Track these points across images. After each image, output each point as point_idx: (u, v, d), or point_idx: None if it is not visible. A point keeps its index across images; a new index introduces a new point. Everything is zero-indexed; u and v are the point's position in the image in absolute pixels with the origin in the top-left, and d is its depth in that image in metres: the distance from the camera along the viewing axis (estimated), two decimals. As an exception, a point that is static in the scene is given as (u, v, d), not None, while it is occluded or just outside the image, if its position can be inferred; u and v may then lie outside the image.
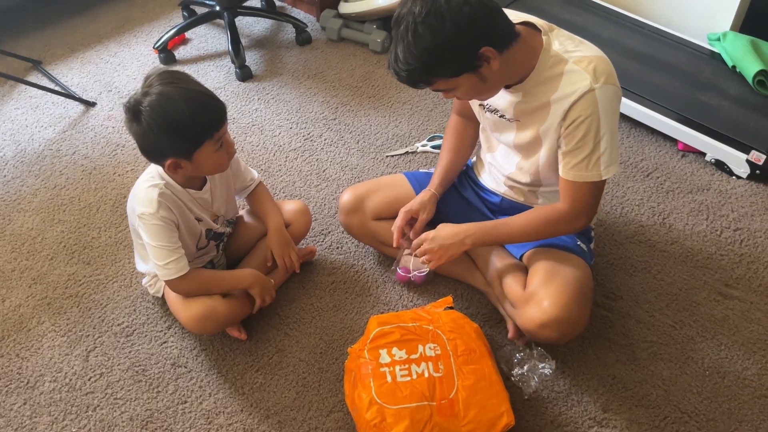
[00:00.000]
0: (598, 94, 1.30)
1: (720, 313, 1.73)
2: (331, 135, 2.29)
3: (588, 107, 1.31)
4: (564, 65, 1.33)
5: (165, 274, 1.48)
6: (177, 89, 1.35)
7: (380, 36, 2.64)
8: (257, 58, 2.65)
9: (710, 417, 1.52)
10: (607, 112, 1.33)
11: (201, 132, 1.38)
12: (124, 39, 2.74)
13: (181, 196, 1.49)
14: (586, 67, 1.31)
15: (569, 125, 1.35)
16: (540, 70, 1.35)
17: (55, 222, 1.97)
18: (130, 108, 1.35)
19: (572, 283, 1.46)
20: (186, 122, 1.34)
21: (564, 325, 1.43)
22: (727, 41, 2.37)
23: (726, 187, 2.09)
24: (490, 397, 1.41)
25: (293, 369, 1.61)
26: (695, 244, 1.91)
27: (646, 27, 2.54)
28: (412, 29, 1.22)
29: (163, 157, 1.40)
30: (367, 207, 1.73)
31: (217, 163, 1.46)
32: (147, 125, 1.33)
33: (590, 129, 1.33)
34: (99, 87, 2.48)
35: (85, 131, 2.29)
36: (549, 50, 1.34)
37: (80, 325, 1.70)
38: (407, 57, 1.25)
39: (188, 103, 1.34)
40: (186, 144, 1.38)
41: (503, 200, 1.66)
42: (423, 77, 1.30)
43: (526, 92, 1.40)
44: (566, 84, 1.33)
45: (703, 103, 2.22)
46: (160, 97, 1.33)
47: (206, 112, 1.37)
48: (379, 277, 1.81)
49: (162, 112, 1.32)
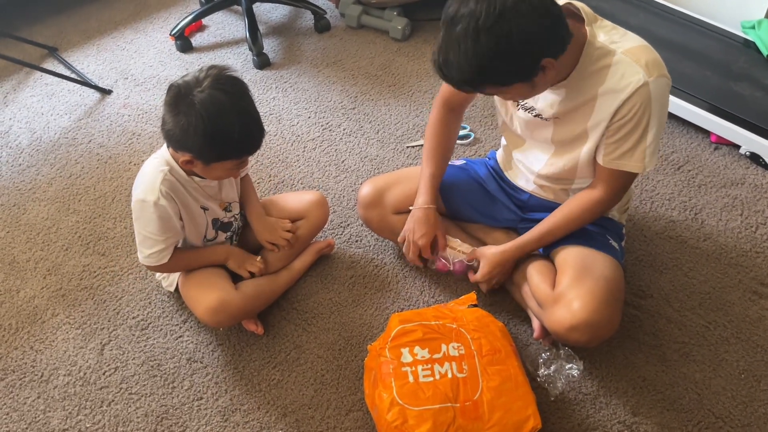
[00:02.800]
0: (651, 87, 1.24)
1: (755, 314, 1.66)
2: (350, 125, 2.23)
3: (641, 101, 1.26)
4: (611, 57, 1.26)
5: (145, 260, 1.49)
6: (235, 102, 1.31)
7: (401, 23, 2.57)
8: (275, 46, 2.59)
9: (745, 422, 1.46)
10: (659, 105, 1.27)
11: (234, 151, 1.37)
12: (141, 26, 2.70)
13: (185, 184, 1.45)
14: (637, 60, 1.25)
15: (621, 118, 1.29)
16: (585, 64, 1.29)
17: (70, 212, 1.94)
18: (181, 96, 1.30)
19: (603, 285, 1.39)
20: (229, 138, 1.31)
21: (594, 329, 1.37)
22: (762, 29, 2.28)
23: (762, 181, 2.01)
24: (515, 400, 1.36)
25: (311, 366, 1.56)
26: (729, 240, 1.84)
27: (677, 14, 2.45)
28: (473, 36, 1.12)
29: (183, 150, 1.36)
30: (387, 200, 1.67)
31: (225, 174, 1.47)
32: (192, 121, 1.28)
33: (641, 122, 1.28)
34: (115, 74, 2.45)
35: (100, 119, 2.26)
36: (594, 42, 1.28)
37: (95, 318, 1.67)
38: (462, 64, 1.16)
39: (239, 122, 1.31)
40: (215, 154, 1.35)
41: (531, 197, 1.60)
42: (473, 84, 1.23)
43: (571, 88, 1.33)
44: (615, 76, 1.26)
45: (736, 94, 2.13)
46: (215, 103, 1.28)
47: (249, 137, 1.35)
48: (400, 272, 1.76)
49: (214, 117, 1.28)
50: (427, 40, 2.61)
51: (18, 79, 2.43)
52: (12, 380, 1.55)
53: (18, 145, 2.17)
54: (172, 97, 1.32)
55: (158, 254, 1.47)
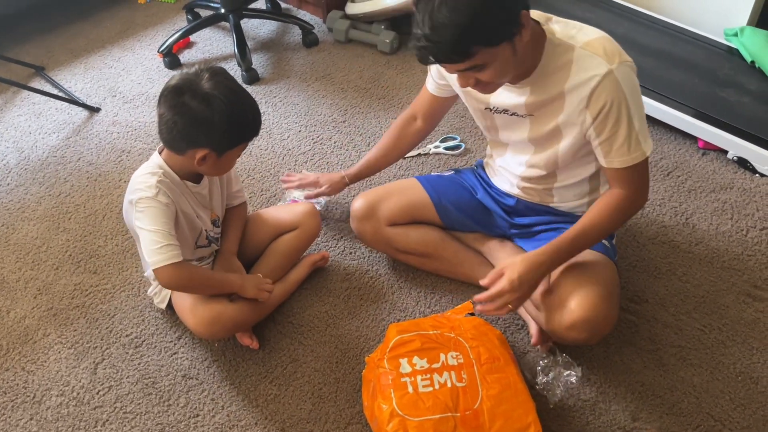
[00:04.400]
0: (617, 74, 1.26)
1: (750, 316, 1.67)
2: (340, 138, 2.23)
3: (612, 91, 1.26)
4: (572, 52, 1.28)
5: (157, 260, 1.36)
6: (239, 87, 1.38)
7: (389, 36, 2.58)
8: (264, 61, 2.60)
9: (744, 425, 1.46)
10: (630, 90, 1.28)
11: (247, 134, 1.41)
12: (128, 44, 2.69)
13: (179, 187, 1.45)
14: (596, 51, 1.26)
15: (598, 114, 1.30)
16: (547, 62, 1.30)
17: (60, 230, 1.92)
18: (184, 91, 1.31)
19: (599, 282, 1.40)
20: (245, 121, 1.38)
21: (593, 325, 1.37)
22: (744, 36, 2.32)
23: (750, 185, 2.03)
24: (515, 407, 1.35)
25: (308, 379, 1.55)
26: (720, 244, 1.85)
27: (661, 23, 2.49)
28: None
29: (197, 145, 1.35)
30: (380, 213, 1.67)
31: (228, 166, 1.48)
32: (217, 106, 1.31)
33: (621, 112, 1.28)
34: (103, 92, 2.44)
35: (89, 137, 2.24)
36: (554, 39, 1.29)
37: (87, 337, 1.64)
38: (453, 19, 1.13)
39: (250, 106, 1.39)
40: (233, 139, 1.38)
41: (518, 202, 1.60)
42: (464, 45, 1.17)
43: (535, 85, 1.34)
44: (579, 71, 1.28)
45: (723, 100, 2.16)
46: (227, 88, 1.34)
47: (258, 117, 1.42)
48: (395, 282, 1.76)
49: (232, 101, 1.33)
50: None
51: (5, 99, 2.41)
52: (4, 402, 1.52)
53: (6, 164, 2.14)
54: (173, 96, 1.32)
55: (169, 249, 1.36)
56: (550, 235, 1.56)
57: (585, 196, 1.53)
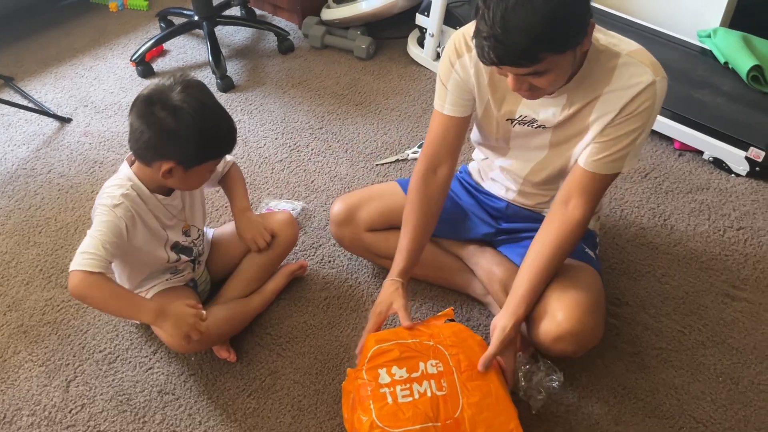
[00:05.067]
0: (657, 86, 1.24)
1: (729, 316, 1.67)
2: (318, 144, 2.21)
3: (647, 99, 1.25)
4: (617, 58, 1.25)
5: (75, 263, 1.29)
6: (212, 101, 1.34)
7: (365, 42, 2.57)
8: (239, 68, 2.57)
9: (726, 426, 1.46)
10: (660, 106, 1.28)
11: (218, 150, 1.37)
12: (100, 52, 2.65)
13: (147, 201, 1.41)
14: (642, 60, 1.25)
15: (626, 115, 1.27)
16: (590, 68, 1.27)
17: (30, 245, 1.87)
18: (155, 101, 1.28)
19: (585, 294, 1.38)
20: (215, 136, 1.33)
21: (580, 338, 1.36)
22: (718, 38, 2.34)
23: (726, 185, 2.04)
24: (497, 415, 1.33)
25: (288, 392, 1.52)
26: (699, 245, 1.85)
27: (635, 26, 2.50)
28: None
29: (163, 158, 1.32)
30: (359, 218, 1.65)
31: (197, 182, 1.44)
32: (184, 120, 1.27)
33: (641, 122, 1.27)
34: (74, 102, 2.39)
35: (60, 149, 2.20)
36: (598, 46, 1.26)
37: (59, 354, 1.60)
38: (528, 21, 1.08)
39: (223, 121, 1.35)
40: (201, 155, 1.35)
41: (509, 206, 1.59)
42: (536, 50, 1.12)
43: (573, 92, 1.30)
44: (623, 76, 1.25)
45: (697, 101, 2.17)
46: (198, 101, 1.30)
47: (231, 134, 1.37)
48: (375, 291, 1.73)
49: (201, 116, 1.29)
50: (392, 58, 2.62)
51: (-27, 111, 2.35)
52: (-28, 424, 1.47)
53: (-26, 177, 2.09)
54: (143, 106, 1.29)
55: (93, 259, 1.29)
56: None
57: None
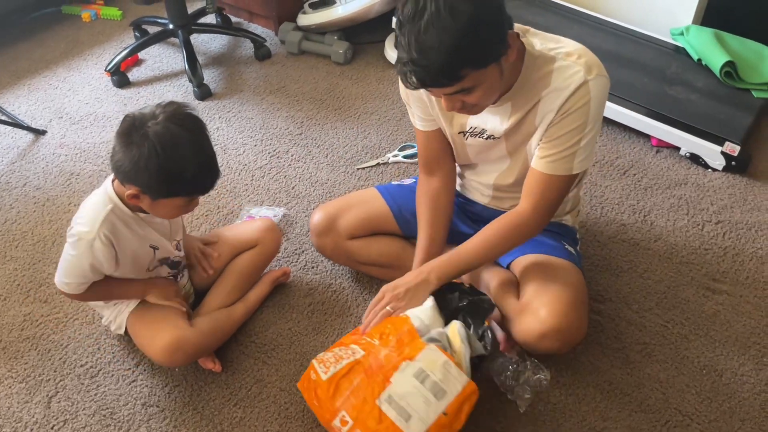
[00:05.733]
0: (591, 85, 1.26)
1: (710, 309, 1.69)
2: (298, 150, 2.20)
3: (581, 98, 1.26)
4: (552, 63, 1.27)
5: (61, 286, 1.41)
6: (192, 138, 1.27)
7: (342, 47, 2.57)
8: (216, 76, 2.55)
9: (712, 418, 1.47)
10: (598, 104, 1.28)
11: (185, 189, 1.31)
12: (74, 63, 2.61)
13: (130, 222, 1.39)
14: (576, 61, 1.26)
15: (563, 114, 1.29)
16: (527, 74, 1.29)
17: (6, 259, 1.83)
18: (135, 127, 1.25)
19: (567, 290, 1.39)
20: (181, 175, 1.26)
21: (564, 335, 1.36)
22: (690, 35, 2.37)
23: (703, 180, 2.07)
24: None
25: (274, 400, 1.51)
26: (678, 239, 1.87)
27: (609, 25, 2.53)
28: (448, 10, 1.10)
29: (131, 183, 1.30)
30: (340, 226, 1.64)
31: (171, 214, 1.39)
32: (145, 153, 1.23)
33: (580, 121, 1.28)
34: (49, 114, 2.35)
35: (35, 161, 2.16)
36: (533, 52, 1.29)
37: (40, 369, 1.57)
38: (443, 40, 1.11)
39: (195, 160, 1.27)
40: (165, 190, 1.29)
41: (485, 209, 1.59)
42: (454, 68, 1.15)
43: (515, 99, 1.33)
44: (558, 78, 1.27)
45: (672, 98, 2.20)
46: (172, 137, 1.24)
47: (203, 176, 1.30)
48: (359, 294, 1.73)
49: (168, 151, 1.23)
50: (369, 63, 2.62)
51: (-56, 125, 2.31)
52: (-50, 444, 1.44)
53: (-53, 193, 2.05)
54: (125, 127, 1.26)
55: (77, 286, 1.40)
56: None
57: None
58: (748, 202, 1.99)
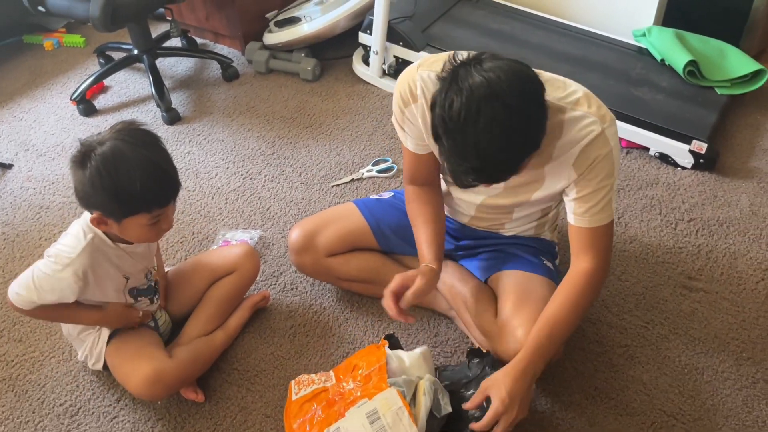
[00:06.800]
0: (608, 134, 1.24)
1: (688, 307, 1.71)
2: (271, 170, 2.19)
3: (602, 147, 1.24)
4: (563, 114, 1.24)
5: (12, 296, 1.36)
6: (136, 151, 1.25)
7: (310, 64, 2.56)
8: (184, 99, 2.53)
9: (696, 416, 1.48)
10: (618, 150, 1.28)
11: (141, 204, 1.27)
12: (38, 93, 2.57)
13: (109, 252, 1.37)
14: (587, 110, 1.24)
15: (585, 169, 1.27)
16: None
17: (-23, 299, 1.79)
18: (81, 151, 1.25)
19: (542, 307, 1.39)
20: (130, 191, 1.24)
21: None
22: (652, 36, 2.41)
23: (673, 179, 2.10)
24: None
25: (259, 427, 1.49)
26: (653, 240, 1.90)
27: (572, 29, 2.56)
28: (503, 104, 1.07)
29: (91, 207, 1.30)
30: (318, 244, 1.63)
31: (143, 236, 1.35)
32: (90, 175, 1.23)
33: (606, 170, 1.27)
34: (14, 147, 2.31)
35: (3, 196, 2.12)
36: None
37: (17, 411, 1.53)
38: (512, 140, 1.10)
39: (142, 173, 1.24)
40: (122, 209, 1.27)
41: (464, 227, 1.59)
42: (522, 160, 1.15)
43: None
44: (572, 129, 1.25)
45: (638, 99, 2.23)
46: (114, 154, 1.23)
47: (153, 187, 1.26)
48: (340, 314, 1.72)
49: (111, 170, 1.22)
50: (338, 78, 2.62)
51: None
52: (-73, 496, 1.39)
53: None
54: (75, 155, 1.26)
55: (29, 303, 1.36)
56: (492, 255, 1.56)
57: (533, 221, 1.54)
58: (718, 198, 2.03)
